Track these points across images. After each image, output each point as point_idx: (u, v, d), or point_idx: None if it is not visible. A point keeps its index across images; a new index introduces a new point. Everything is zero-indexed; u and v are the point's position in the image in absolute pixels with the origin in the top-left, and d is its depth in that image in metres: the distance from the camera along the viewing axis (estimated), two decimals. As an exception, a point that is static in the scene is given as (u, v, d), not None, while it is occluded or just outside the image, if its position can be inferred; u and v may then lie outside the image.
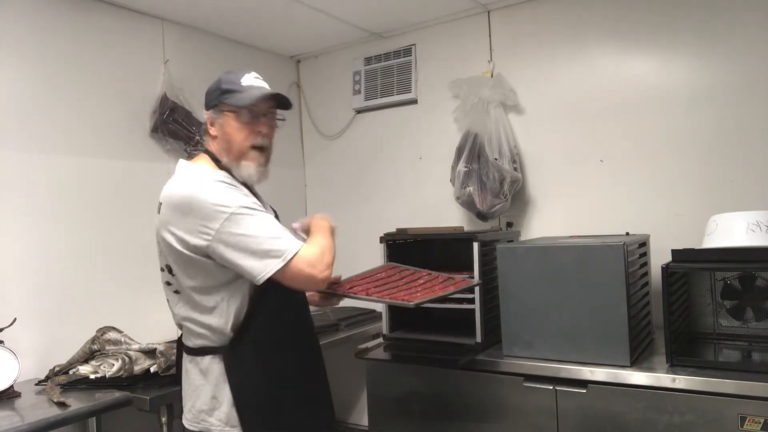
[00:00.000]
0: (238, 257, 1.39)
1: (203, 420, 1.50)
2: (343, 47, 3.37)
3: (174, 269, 1.49)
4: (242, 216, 1.40)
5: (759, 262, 1.85)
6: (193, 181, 1.47)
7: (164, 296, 1.60)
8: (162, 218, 1.48)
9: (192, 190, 1.43)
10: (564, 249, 1.99)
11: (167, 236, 1.45)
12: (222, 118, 1.54)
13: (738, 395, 1.67)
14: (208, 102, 1.57)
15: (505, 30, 2.87)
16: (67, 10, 2.44)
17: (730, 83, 2.34)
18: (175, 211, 1.44)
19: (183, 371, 1.59)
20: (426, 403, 2.22)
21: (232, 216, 1.39)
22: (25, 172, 2.27)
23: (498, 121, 2.70)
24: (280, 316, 1.53)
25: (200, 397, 1.50)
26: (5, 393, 1.94)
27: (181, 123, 2.69)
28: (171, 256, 1.48)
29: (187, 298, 1.50)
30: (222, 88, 1.53)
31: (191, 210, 1.41)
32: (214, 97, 1.55)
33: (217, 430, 1.48)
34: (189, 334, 1.54)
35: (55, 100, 2.38)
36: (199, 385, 1.51)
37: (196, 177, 1.48)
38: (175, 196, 1.46)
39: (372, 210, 3.27)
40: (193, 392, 1.52)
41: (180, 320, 1.55)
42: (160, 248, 1.52)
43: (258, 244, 1.39)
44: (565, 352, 1.96)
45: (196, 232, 1.40)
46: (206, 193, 1.41)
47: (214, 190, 1.42)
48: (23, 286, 2.25)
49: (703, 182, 2.39)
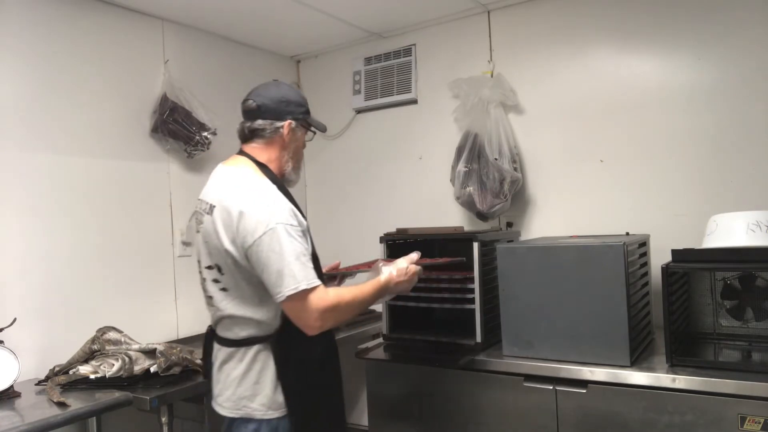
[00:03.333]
0: (263, 270, 1.50)
1: (245, 406, 1.59)
2: (343, 47, 3.37)
3: (224, 269, 1.58)
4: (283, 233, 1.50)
5: (759, 262, 1.85)
6: (253, 189, 1.58)
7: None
8: (216, 221, 1.58)
9: (252, 197, 1.55)
10: (564, 249, 1.99)
11: (222, 237, 1.55)
12: (299, 131, 1.75)
13: (738, 395, 1.67)
14: (291, 111, 1.71)
15: (505, 30, 2.87)
16: (67, 10, 2.44)
17: (729, 83, 2.34)
18: (235, 215, 1.53)
19: (217, 363, 1.67)
20: (426, 403, 2.22)
21: (276, 228, 1.49)
22: (25, 172, 2.28)
23: (498, 121, 2.70)
24: None
25: (242, 385, 1.59)
26: (5, 393, 1.94)
27: (181, 123, 2.69)
28: (223, 256, 1.57)
29: (236, 294, 1.59)
30: (306, 107, 1.76)
31: (247, 215, 1.51)
32: (299, 111, 1.73)
33: (260, 414, 1.57)
34: (233, 327, 1.62)
35: (54, 100, 2.38)
36: (240, 374, 1.59)
37: (255, 185, 1.59)
38: (236, 201, 1.55)
39: (372, 210, 3.27)
40: (233, 381, 1.60)
41: (225, 315, 1.62)
42: (209, 248, 1.61)
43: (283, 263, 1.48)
44: (565, 352, 1.97)
45: (246, 235, 1.51)
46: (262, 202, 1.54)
47: (269, 201, 1.54)
48: (23, 286, 2.25)
49: (703, 182, 2.39)
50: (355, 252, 2.91)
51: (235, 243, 1.53)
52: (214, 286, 1.62)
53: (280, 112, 1.69)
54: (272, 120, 1.69)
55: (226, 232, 1.54)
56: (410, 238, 2.44)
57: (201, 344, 1.81)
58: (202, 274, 1.67)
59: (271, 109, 1.69)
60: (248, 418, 1.59)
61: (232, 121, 3.04)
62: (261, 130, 1.69)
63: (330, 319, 1.54)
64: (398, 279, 1.74)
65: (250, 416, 1.58)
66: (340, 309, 1.56)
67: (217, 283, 1.61)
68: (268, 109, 1.69)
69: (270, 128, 1.69)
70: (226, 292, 1.60)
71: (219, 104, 2.95)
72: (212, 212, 1.59)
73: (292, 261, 1.48)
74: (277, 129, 1.69)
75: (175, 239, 2.81)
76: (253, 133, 1.71)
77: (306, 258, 1.52)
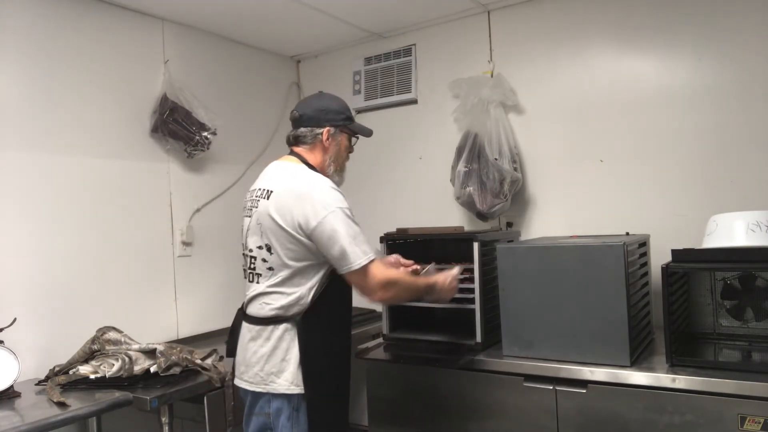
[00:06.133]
0: (330, 247, 1.68)
1: (272, 381, 1.73)
2: (343, 47, 3.37)
3: (275, 248, 1.74)
4: (342, 215, 1.69)
5: (759, 262, 1.85)
6: (311, 177, 1.78)
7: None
8: (276, 203, 1.74)
9: (312, 184, 1.75)
10: (564, 249, 1.99)
11: (277, 218, 1.72)
12: (339, 136, 1.91)
13: (738, 395, 1.67)
14: (329, 119, 1.88)
15: (505, 30, 2.87)
16: (67, 10, 2.44)
17: (729, 83, 2.34)
18: (295, 198, 1.72)
19: (245, 341, 1.81)
20: (426, 403, 2.22)
21: (337, 211, 1.69)
22: (24, 172, 2.28)
23: (498, 121, 2.70)
24: (344, 296, 1.85)
25: (270, 361, 1.73)
26: (5, 393, 1.94)
27: (181, 123, 2.69)
28: (276, 236, 1.73)
29: (280, 272, 1.75)
30: (346, 114, 1.93)
31: (309, 199, 1.70)
32: (339, 118, 1.90)
33: (284, 389, 1.72)
34: (267, 306, 1.76)
35: (55, 100, 2.38)
36: (268, 351, 1.74)
37: (313, 175, 1.80)
38: (296, 187, 1.74)
39: (372, 210, 3.27)
40: (261, 357, 1.75)
41: (262, 292, 1.77)
42: (262, 229, 1.76)
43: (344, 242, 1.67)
44: (565, 352, 1.97)
45: (309, 216, 1.68)
46: (322, 189, 1.73)
47: (327, 188, 1.74)
48: (23, 286, 2.25)
49: (703, 182, 2.39)
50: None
51: (293, 224, 1.69)
52: (262, 265, 1.77)
53: (320, 119, 1.87)
54: (312, 127, 1.87)
55: (285, 214, 1.71)
56: (410, 238, 2.44)
57: (201, 344, 1.83)
58: (252, 253, 1.80)
59: (312, 117, 1.87)
60: (274, 394, 1.73)
61: (232, 121, 3.09)
62: (303, 136, 1.88)
63: (391, 289, 1.75)
64: (443, 286, 1.93)
65: (275, 391, 1.72)
66: (399, 285, 1.79)
67: (265, 262, 1.76)
68: (309, 117, 1.87)
69: (310, 135, 1.87)
70: (272, 271, 1.76)
71: (219, 104, 2.96)
72: (269, 197, 1.76)
73: (353, 239, 1.68)
74: (316, 135, 1.87)
75: (175, 239, 2.81)
76: (297, 140, 1.89)
77: (363, 237, 1.72)
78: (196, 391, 2.07)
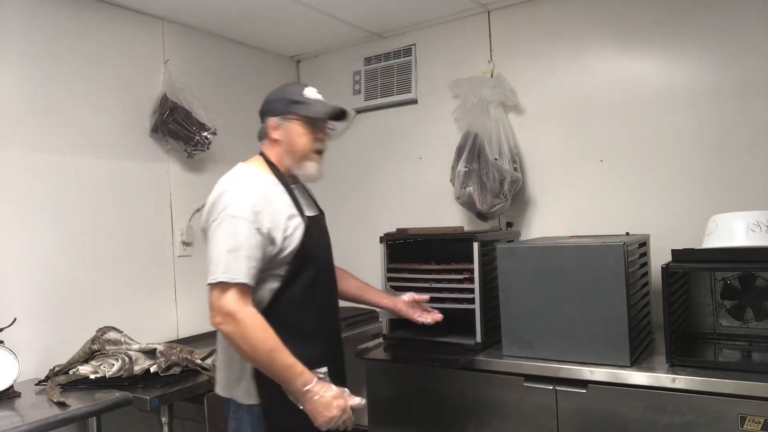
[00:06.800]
0: (208, 252, 1.58)
1: (232, 389, 1.65)
2: (343, 47, 3.37)
3: None
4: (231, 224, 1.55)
5: (759, 262, 1.85)
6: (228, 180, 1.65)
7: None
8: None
9: (223, 186, 1.63)
10: (564, 249, 1.99)
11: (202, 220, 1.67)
12: (289, 124, 1.71)
13: (738, 395, 1.67)
14: (270, 109, 1.74)
15: (505, 30, 2.87)
16: (67, 10, 2.44)
17: (730, 83, 2.34)
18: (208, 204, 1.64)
19: (219, 341, 1.72)
20: (426, 403, 2.22)
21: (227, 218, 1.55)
22: (24, 172, 2.28)
23: (498, 121, 2.70)
24: (305, 304, 1.66)
25: (230, 368, 1.65)
26: (5, 393, 1.94)
27: (181, 123, 2.69)
28: None
29: None
30: (289, 99, 1.72)
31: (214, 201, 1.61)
32: (280, 106, 1.72)
33: (241, 401, 1.63)
34: None
35: (54, 100, 2.38)
36: (231, 356, 1.63)
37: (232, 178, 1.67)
38: (213, 190, 1.64)
39: (372, 210, 3.27)
40: (221, 364, 1.70)
41: None
42: None
43: (216, 252, 1.54)
44: (565, 352, 1.97)
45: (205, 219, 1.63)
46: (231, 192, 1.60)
47: (236, 193, 1.60)
48: (23, 286, 2.25)
49: (703, 182, 2.39)
50: (356, 252, 2.92)
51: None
52: None
53: (263, 112, 1.77)
54: (262, 123, 1.77)
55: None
56: (410, 238, 2.44)
57: (201, 344, 1.83)
58: None
59: (263, 111, 1.78)
60: (236, 402, 1.64)
61: (232, 121, 3.08)
62: (259, 134, 1.79)
63: (230, 324, 1.49)
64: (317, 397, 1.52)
65: (236, 399, 1.64)
66: (242, 328, 1.49)
67: None
68: (262, 112, 1.78)
69: (261, 131, 1.78)
70: None
71: (219, 104, 2.96)
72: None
73: (227, 252, 1.52)
74: (264, 130, 1.76)
75: (175, 239, 2.81)
76: (259, 137, 1.80)
77: (245, 255, 1.52)
78: (196, 391, 2.07)
